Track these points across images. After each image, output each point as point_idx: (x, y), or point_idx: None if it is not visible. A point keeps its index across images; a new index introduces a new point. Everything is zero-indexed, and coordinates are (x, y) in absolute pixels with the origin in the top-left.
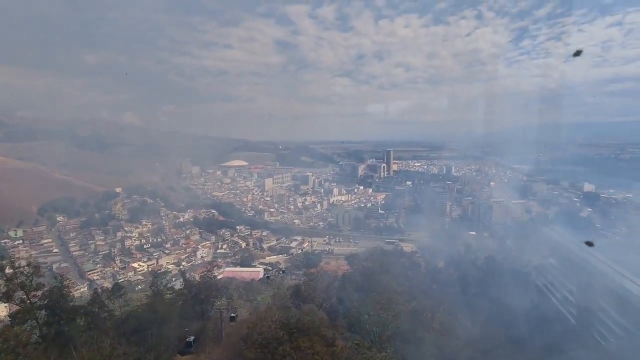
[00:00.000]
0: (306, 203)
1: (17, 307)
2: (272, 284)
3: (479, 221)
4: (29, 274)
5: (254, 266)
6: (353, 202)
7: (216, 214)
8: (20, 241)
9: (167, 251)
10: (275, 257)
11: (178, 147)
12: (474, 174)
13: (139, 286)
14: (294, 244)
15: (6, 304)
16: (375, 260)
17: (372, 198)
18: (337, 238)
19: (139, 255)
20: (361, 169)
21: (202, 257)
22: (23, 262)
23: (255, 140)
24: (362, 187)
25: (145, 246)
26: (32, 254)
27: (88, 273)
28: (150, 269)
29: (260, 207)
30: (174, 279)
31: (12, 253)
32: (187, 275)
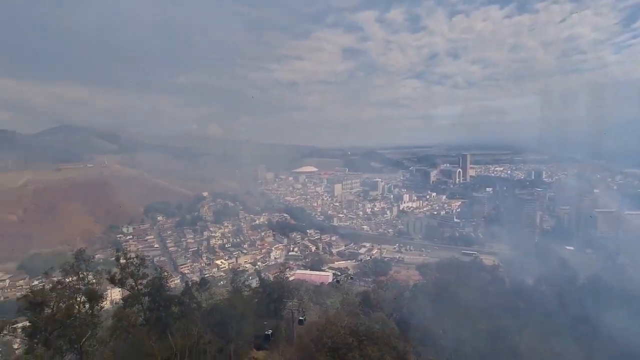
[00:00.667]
0: (375, 209)
1: (128, 293)
2: (341, 289)
3: (579, 234)
4: (137, 265)
5: (324, 270)
6: (425, 209)
7: (288, 217)
8: (131, 236)
9: (244, 251)
10: (343, 262)
11: (254, 155)
12: (571, 179)
13: (221, 282)
14: (362, 250)
15: (120, 289)
16: (451, 271)
17: (446, 205)
18: (408, 246)
19: (221, 254)
20: (433, 175)
21: (275, 258)
22: (132, 255)
23: (325, 147)
24: (434, 194)
25: (226, 245)
26: (139, 248)
27: (180, 267)
28: (230, 267)
29: (329, 212)
30: (250, 278)
31: (125, 246)
32: (262, 275)
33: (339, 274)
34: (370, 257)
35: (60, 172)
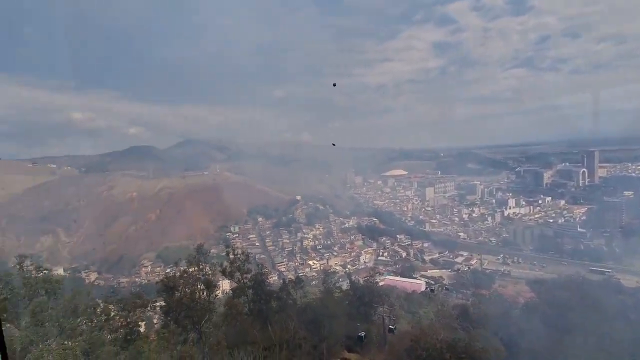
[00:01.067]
0: (473, 215)
1: (235, 285)
2: (435, 299)
3: None
4: (243, 260)
5: (415, 278)
6: (536, 216)
7: (377, 221)
8: (237, 235)
9: (335, 253)
10: (437, 271)
11: (343, 159)
12: None
13: (313, 282)
14: (459, 259)
15: (229, 281)
16: (574, 291)
17: (565, 212)
18: (515, 258)
19: (313, 255)
20: (548, 176)
21: (364, 262)
22: (239, 251)
23: (414, 149)
24: (549, 198)
25: (318, 247)
26: (243, 245)
27: (278, 265)
28: (321, 268)
29: (420, 217)
30: (340, 280)
31: (232, 243)
32: (353, 277)
33: (433, 283)
34: (469, 267)
35: (184, 179)
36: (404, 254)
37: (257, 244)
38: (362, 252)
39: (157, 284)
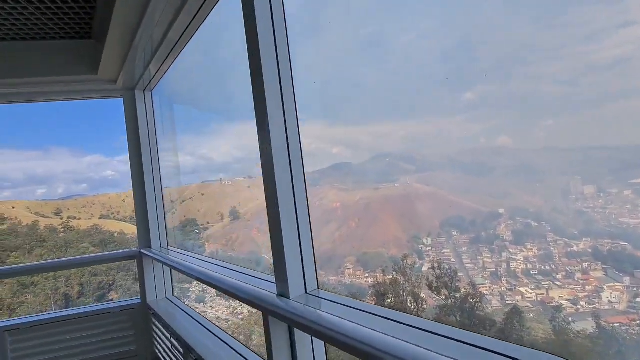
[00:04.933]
0: None
1: (442, 302)
2: None
3: None
4: (451, 277)
5: None
6: None
7: (629, 247)
8: (430, 247)
9: (558, 283)
10: None
11: (560, 164)
12: None
13: (530, 314)
14: None
15: (435, 297)
16: None
17: None
18: None
19: (525, 281)
20: None
21: (610, 301)
22: (445, 266)
23: None
24: None
25: (531, 272)
26: (438, 259)
27: (479, 286)
28: (539, 299)
29: None
30: (570, 319)
31: (426, 256)
32: (601, 321)
33: None
34: None
35: (377, 191)
36: None
37: (453, 259)
38: (605, 287)
39: (370, 287)
